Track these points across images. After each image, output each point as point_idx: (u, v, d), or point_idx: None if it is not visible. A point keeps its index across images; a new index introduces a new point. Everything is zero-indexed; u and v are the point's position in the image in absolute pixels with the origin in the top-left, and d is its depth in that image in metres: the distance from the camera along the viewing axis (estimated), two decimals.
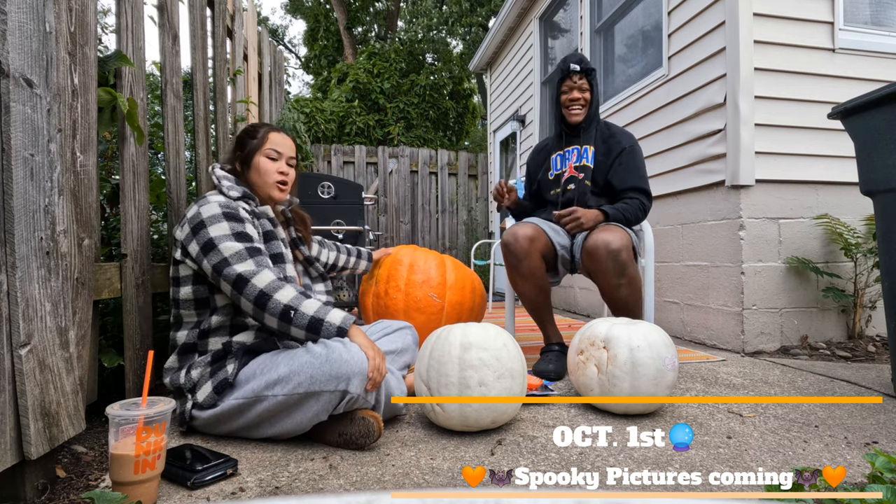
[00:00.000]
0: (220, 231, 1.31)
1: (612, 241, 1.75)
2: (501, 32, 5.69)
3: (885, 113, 1.53)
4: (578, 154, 2.12)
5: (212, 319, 1.34)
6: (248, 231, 1.35)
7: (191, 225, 1.33)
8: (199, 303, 1.37)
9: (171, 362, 1.38)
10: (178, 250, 1.37)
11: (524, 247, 1.87)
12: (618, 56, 3.68)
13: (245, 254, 1.29)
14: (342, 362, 1.18)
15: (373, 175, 6.50)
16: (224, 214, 1.33)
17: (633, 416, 1.46)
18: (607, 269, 1.77)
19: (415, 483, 1.05)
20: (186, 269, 1.36)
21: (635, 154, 2.04)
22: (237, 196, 1.42)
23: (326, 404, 1.19)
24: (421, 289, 2.19)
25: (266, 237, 1.45)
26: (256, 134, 1.52)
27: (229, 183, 1.45)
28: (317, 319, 1.25)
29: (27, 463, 0.97)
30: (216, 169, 1.49)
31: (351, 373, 1.18)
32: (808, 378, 1.89)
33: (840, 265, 2.49)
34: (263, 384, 1.22)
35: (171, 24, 1.73)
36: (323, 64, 13.24)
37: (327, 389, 1.18)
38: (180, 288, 1.38)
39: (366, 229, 3.58)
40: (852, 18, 2.53)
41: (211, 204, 1.35)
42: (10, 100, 0.91)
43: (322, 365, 1.19)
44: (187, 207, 1.43)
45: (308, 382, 1.18)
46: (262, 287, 1.25)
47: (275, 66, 3.69)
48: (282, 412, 1.22)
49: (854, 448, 1.23)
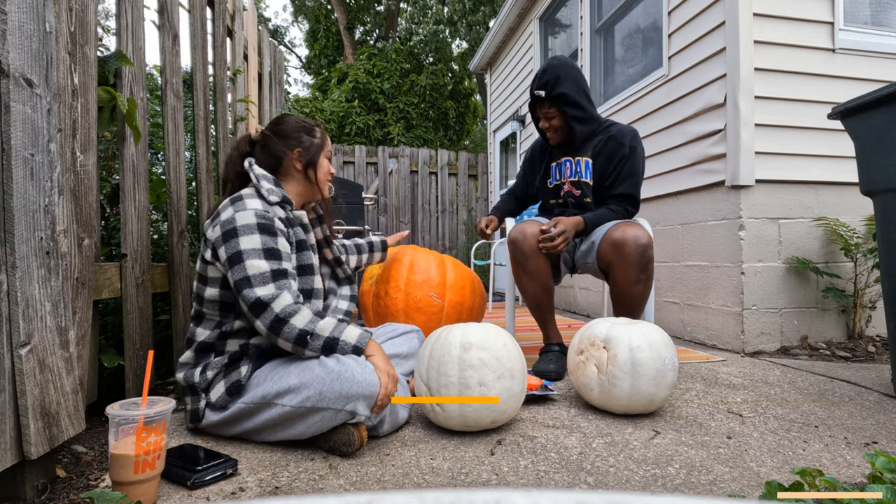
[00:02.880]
0: (251, 244, 1.26)
1: (640, 235, 1.76)
2: (502, 32, 5.69)
3: (885, 113, 1.53)
4: (572, 167, 2.06)
5: (234, 323, 1.32)
6: (280, 247, 1.30)
7: (223, 229, 1.28)
8: (225, 306, 1.33)
9: (186, 357, 1.34)
10: (208, 250, 1.32)
11: (532, 245, 1.86)
12: (618, 56, 3.68)
13: (269, 276, 1.24)
14: (353, 382, 1.17)
15: (373, 175, 6.50)
16: (259, 226, 1.28)
17: (634, 416, 1.46)
18: (632, 263, 1.76)
19: (415, 483, 1.05)
20: (216, 271, 1.32)
21: (635, 157, 1.98)
22: (276, 201, 1.36)
23: (331, 421, 1.19)
24: (421, 289, 2.19)
25: (298, 247, 1.41)
26: (315, 133, 1.49)
27: (269, 185, 1.38)
28: (332, 339, 1.25)
29: (27, 463, 0.97)
30: (255, 167, 1.42)
31: (360, 394, 1.17)
32: (808, 378, 1.89)
33: (840, 265, 2.49)
34: (274, 392, 1.22)
35: (171, 24, 1.73)
36: (323, 64, 13.25)
37: (334, 408, 1.18)
38: (207, 287, 1.33)
39: (366, 229, 3.58)
40: (852, 18, 2.53)
41: (247, 211, 1.29)
42: (10, 99, 0.91)
43: (333, 382, 1.18)
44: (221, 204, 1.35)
45: (317, 398, 1.18)
46: (277, 312, 1.22)
47: (275, 66, 3.70)
48: (287, 422, 1.22)
49: (854, 448, 1.23)
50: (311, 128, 1.50)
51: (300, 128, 1.49)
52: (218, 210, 1.34)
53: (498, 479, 1.07)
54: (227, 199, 1.36)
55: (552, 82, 1.93)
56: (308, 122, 1.52)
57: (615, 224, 1.86)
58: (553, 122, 2.00)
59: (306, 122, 1.51)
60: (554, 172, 2.15)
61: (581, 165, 2.04)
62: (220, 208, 1.34)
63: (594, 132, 2.04)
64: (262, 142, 1.48)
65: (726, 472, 1.09)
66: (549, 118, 2.00)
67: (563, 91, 1.93)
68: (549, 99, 1.95)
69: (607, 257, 1.86)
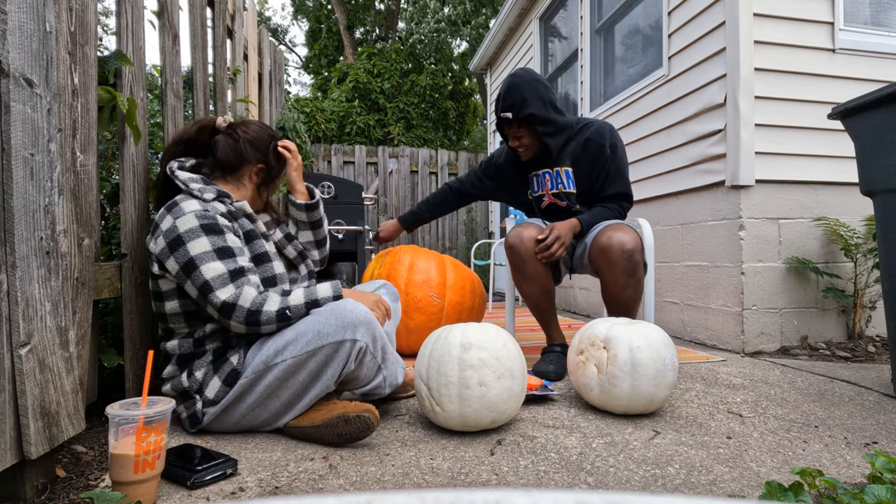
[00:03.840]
0: (201, 248, 1.22)
1: (626, 241, 1.74)
2: (502, 33, 5.70)
3: (885, 113, 1.53)
4: (552, 179, 2.03)
5: (206, 328, 1.30)
6: (230, 243, 1.27)
7: (167, 239, 1.23)
8: (189, 315, 1.31)
9: (169, 371, 1.32)
10: (154, 265, 1.27)
11: (530, 249, 1.85)
12: (618, 56, 3.68)
13: (227, 277, 1.22)
14: (347, 311, 1.22)
15: (373, 175, 6.50)
16: (203, 228, 1.24)
17: (633, 416, 1.46)
18: (619, 269, 1.76)
19: (415, 483, 1.05)
20: (168, 283, 1.29)
21: (617, 155, 1.95)
22: (211, 198, 1.31)
23: (336, 359, 1.20)
24: (421, 289, 2.19)
25: (247, 237, 1.36)
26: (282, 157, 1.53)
27: (200, 185, 1.33)
28: (311, 301, 1.27)
29: (27, 463, 0.97)
30: (176, 171, 1.35)
31: (357, 321, 1.21)
32: (808, 378, 1.89)
33: (840, 265, 2.49)
34: (273, 352, 1.23)
35: (171, 23, 1.73)
36: (323, 63, 13.26)
37: (335, 339, 1.20)
38: (165, 303, 1.30)
39: (366, 229, 3.58)
40: (852, 19, 2.53)
41: (187, 216, 1.24)
42: (10, 99, 0.91)
43: (328, 317, 1.21)
44: (158, 215, 1.30)
45: (316, 338, 1.20)
46: (248, 307, 1.21)
47: (275, 66, 3.70)
48: (289, 379, 1.22)
49: (854, 448, 1.23)
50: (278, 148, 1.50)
51: (269, 144, 1.47)
52: (156, 221, 1.29)
53: (498, 479, 1.07)
54: (162, 208, 1.31)
55: (518, 104, 1.86)
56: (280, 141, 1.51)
57: (603, 228, 1.85)
58: (523, 140, 1.95)
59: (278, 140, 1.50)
60: (533, 183, 2.11)
61: (562, 176, 2.01)
62: (157, 219, 1.29)
63: (568, 139, 1.99)
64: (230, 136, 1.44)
65: (726, 472, 1.09)
66: (518, 138, 1.95)
67: (531, 112, 1.86)
68: (518, 121, 1.90)
69: (596, 262, 1.85)
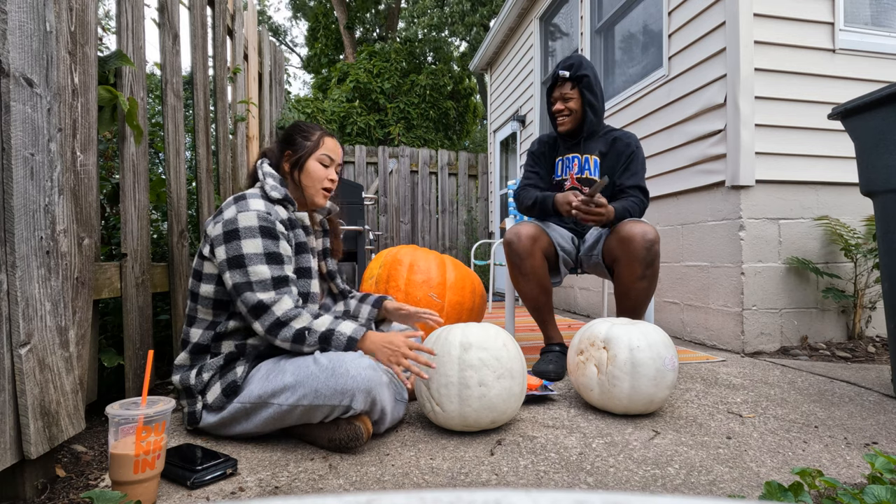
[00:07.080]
0: (253, 248, 1.26)
1: (648, 231, 1.77)
2: (502, 32, 5.69)
3: (885, 113, 1.53)
4: (580, 164, 2.08)
5: (228, 323, 1.32)
6: (281, 251, 1.30)
7: (225, 228, 1.27)
8: (219, 304, 1.33)
9: (181, 360, 1.34)
10: (206, 246, 1.31)
11: (527, 246, 1.87)
12: (618, 56, 3.68)
13: (270, 283, 1.25)
14: (348, 377, 1.18)
15: (373, 175, 6.50)
16: (261, 229, 1.27)
17: (633, 417, 1.46)
18: (639, 258, 1.77)
19: (414, 483, 1.05)
20: (212, 267, 1.32)
21: (638, 156, 2.04)
22: (278, 198, 1.36)
23: (332, 413, 1.20)
24: (421, 289, 2.19)
25: (298, 248, 1.40)
26: (311, 136, 1.46)
27: (273, 182, 1.38)
28: (328, 331, 1.26)
29: (27, 462, 0.97)
30: (264, 164, 1.43)
31: (356, 388, 1.18)
32: (808, 378, 1.89)
33: (840, 266, 2.49)
34: (269, 391, 1.22)
35: (172, 23, 1.73)
36: (323, 63, 13.25)
37: (330, 404, 1.18)
38: (202, 284, 1.33)
39: (366, 229, 3.58)
40: (852, 19, 2.53)
41: (250, 213, 1.28)
42: (11, 99, 0.91)
43: (328, 379, 1.18)
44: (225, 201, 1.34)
45: (312, 396, 1.18)
46: (279, 315, 1.24)
47: (275, 66, 3.69)
48: (283, 418, 1.23)
49: (854, 448, 1.23)
50: (309, 132, 1.47)
51: (299, 131, 1.48)
52: (221, 207, 1.34)
53: (498, 479, 1.07)
54: (231, 197, 1.37)
55: (576, 65, 1.98)
56: (308, 126, 1.50)
57: (622, 222, 1.87)
58: (570, 104, 2.02)
59: (311, 127, 1.49)
60: (557, 167, 2.15)
61: (590, 162, 2.07)
62: (223, 206, 1.34)
63: (598, 132, 2.08)
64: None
65: (726, 473, 1.09)
66: (567, 99, 2.02)
67: (586, 73, 1.98)
68: (573, 79, 1.98)
69: (614, 252, 1.87)
